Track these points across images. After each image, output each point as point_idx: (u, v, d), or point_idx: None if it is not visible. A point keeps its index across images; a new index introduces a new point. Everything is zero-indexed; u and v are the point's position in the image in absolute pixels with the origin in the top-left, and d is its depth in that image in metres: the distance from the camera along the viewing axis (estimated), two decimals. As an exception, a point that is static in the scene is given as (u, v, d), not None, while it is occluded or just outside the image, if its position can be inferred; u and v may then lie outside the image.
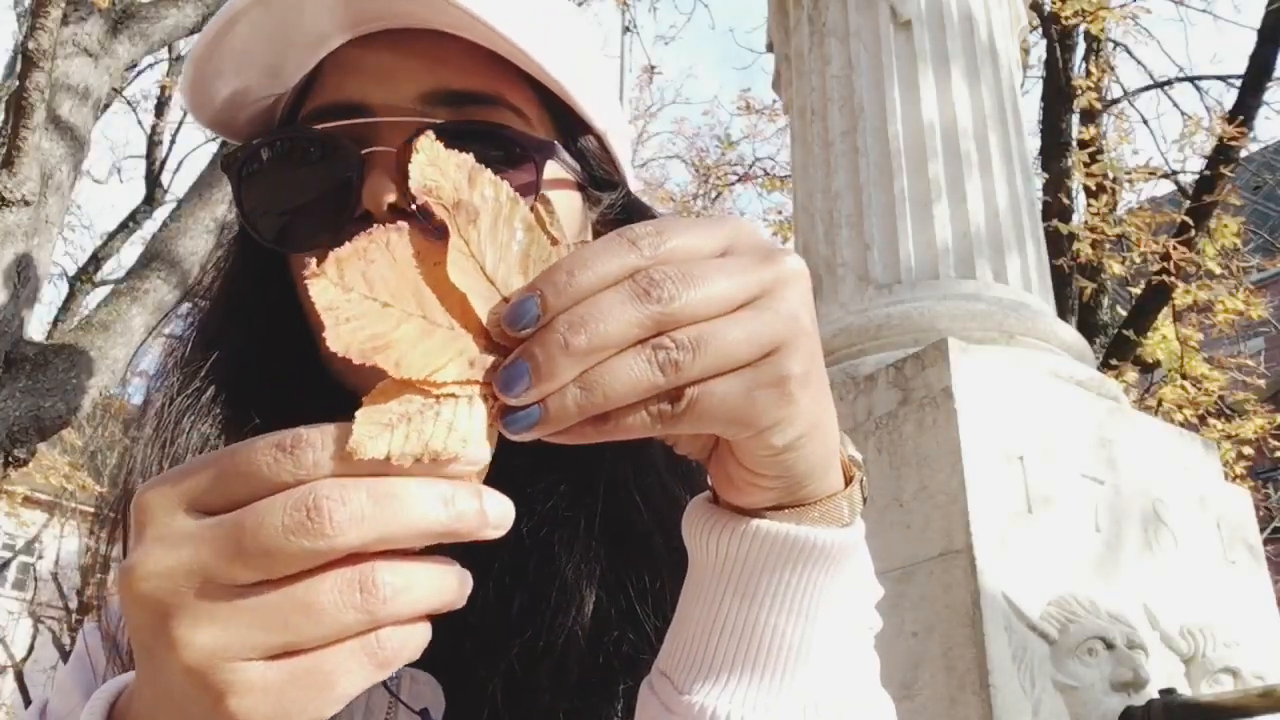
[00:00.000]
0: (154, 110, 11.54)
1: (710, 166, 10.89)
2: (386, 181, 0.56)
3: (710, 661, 0.47)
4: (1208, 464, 2.46)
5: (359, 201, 0.56)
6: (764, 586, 0.46)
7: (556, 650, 0.57)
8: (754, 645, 0.47)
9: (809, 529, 0.45)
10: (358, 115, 0.58)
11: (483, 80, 0.59)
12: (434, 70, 0.59)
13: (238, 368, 0.63)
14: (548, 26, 0.63)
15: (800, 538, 0.45)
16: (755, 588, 0.46)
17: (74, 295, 10.11)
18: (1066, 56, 7.65)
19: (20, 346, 3.06)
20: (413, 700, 0.60)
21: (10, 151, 2.91)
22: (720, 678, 0.47)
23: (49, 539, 17.15)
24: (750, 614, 0.47)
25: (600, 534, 0.60)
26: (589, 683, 0.58)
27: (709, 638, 0.47)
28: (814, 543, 0.45)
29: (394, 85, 0.59)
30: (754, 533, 0.46)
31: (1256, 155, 11.42)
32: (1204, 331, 7.67)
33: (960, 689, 1.81)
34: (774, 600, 0.46)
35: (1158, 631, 2.02)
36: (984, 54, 3.03)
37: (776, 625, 0.46)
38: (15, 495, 12.14)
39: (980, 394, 2.08)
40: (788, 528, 0.45)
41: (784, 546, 0.45)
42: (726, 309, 0.38)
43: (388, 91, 0.59)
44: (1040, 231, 3.04)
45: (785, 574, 0.46)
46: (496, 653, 0.59)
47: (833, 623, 0.48)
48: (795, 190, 3.36)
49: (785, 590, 0.46)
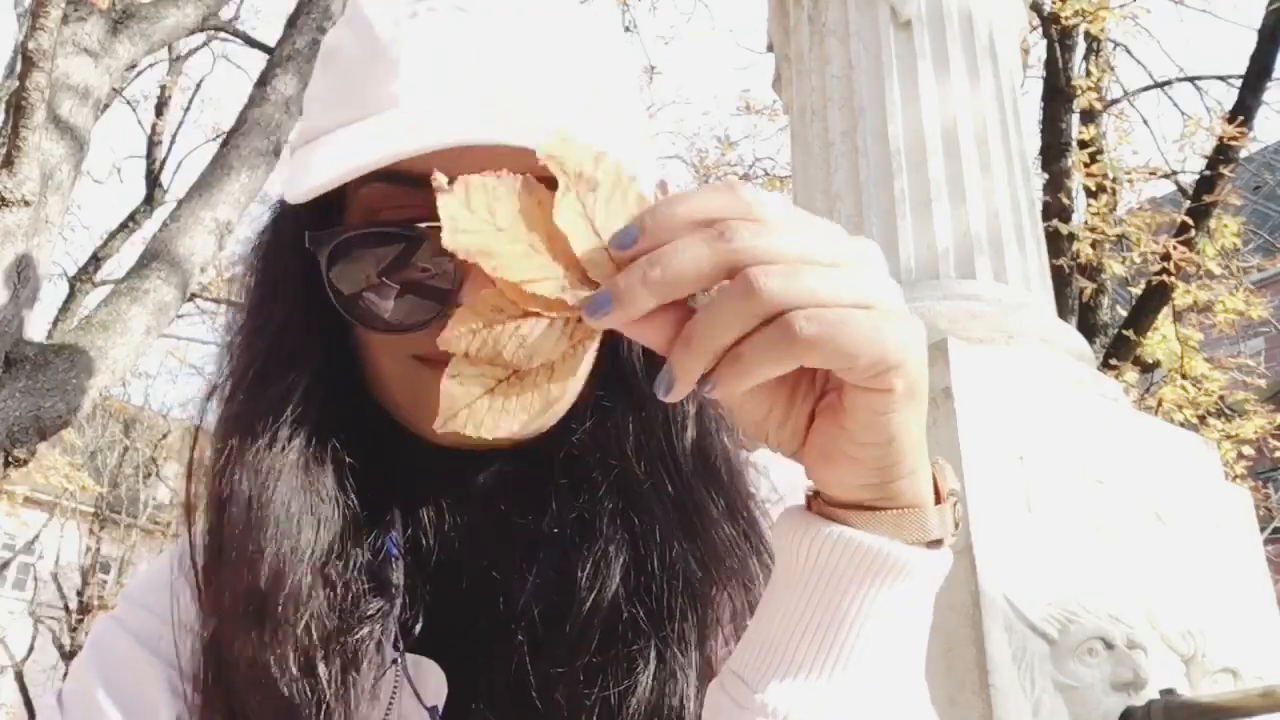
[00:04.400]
0: (154, 110, 11.54)
1: (710, 166, 10.89)
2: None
3: (786, 664, 0.48)
4: (1208, 464, 2.46)
5: (456, 294, 0.59)
6: (848, 596, 0.47)
7: (580, 620, 0.61)
8: (831, 651, 0.48)
9: (898, 545, 0.47)
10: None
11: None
12: (515, 158, 0.60)
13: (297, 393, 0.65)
14: (623, 111, 0.65)
15: (889, 552, 0.47)
16: (838, 596, 0.47)
17: (74, 295, 10.10)
18: (1066, 56, 7.65)
19: (20, 346, 3.06)
20: (417, 685, 0.62)
21: (10, 151, 2.91)
22: (794, 679, 0.48)
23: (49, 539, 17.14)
24: (831, 620, 0.48)
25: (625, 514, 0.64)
26: (604, 653, 0.60)
27: (788, 641, 0.48)
28: (899, 559, 0.47)
29: (475, 168, 0.60)
30: (842, 539, 0.47)
31: (1256, 155, 11.42)
32: (1204, 331, 7.67)
33: (960, 689, 1.81)
34: (857, 611, 0.47)
35: (1158, 631, 2.02)
36: (984, 54, 3.03)
37: (857, 635, 0.47)
38: (15, 495, 12.14)
39: (980, 394, 2.08)
40: (878, 540, 0.47)
41: (871, 558, 0.47)
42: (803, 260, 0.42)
43: (469, 172, 0.60)
44: (1040, 231, 3.03)
45: (869, 587, 0.47)
46: (512, 628, 0.62)
47: (903, 642, 0.48)
48: (795, 190, 3.35)
49: (867, 603, 0.47)
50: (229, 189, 3.72)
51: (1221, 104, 7.94)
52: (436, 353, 0.60)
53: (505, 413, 0.47)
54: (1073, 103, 7.47)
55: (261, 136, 3.86)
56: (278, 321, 0.66)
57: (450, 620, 0.64)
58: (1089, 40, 7.90)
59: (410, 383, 0.63)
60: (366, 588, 0.64)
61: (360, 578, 0.64)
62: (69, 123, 3.36)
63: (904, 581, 0.47)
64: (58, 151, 3.30)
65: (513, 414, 0.47)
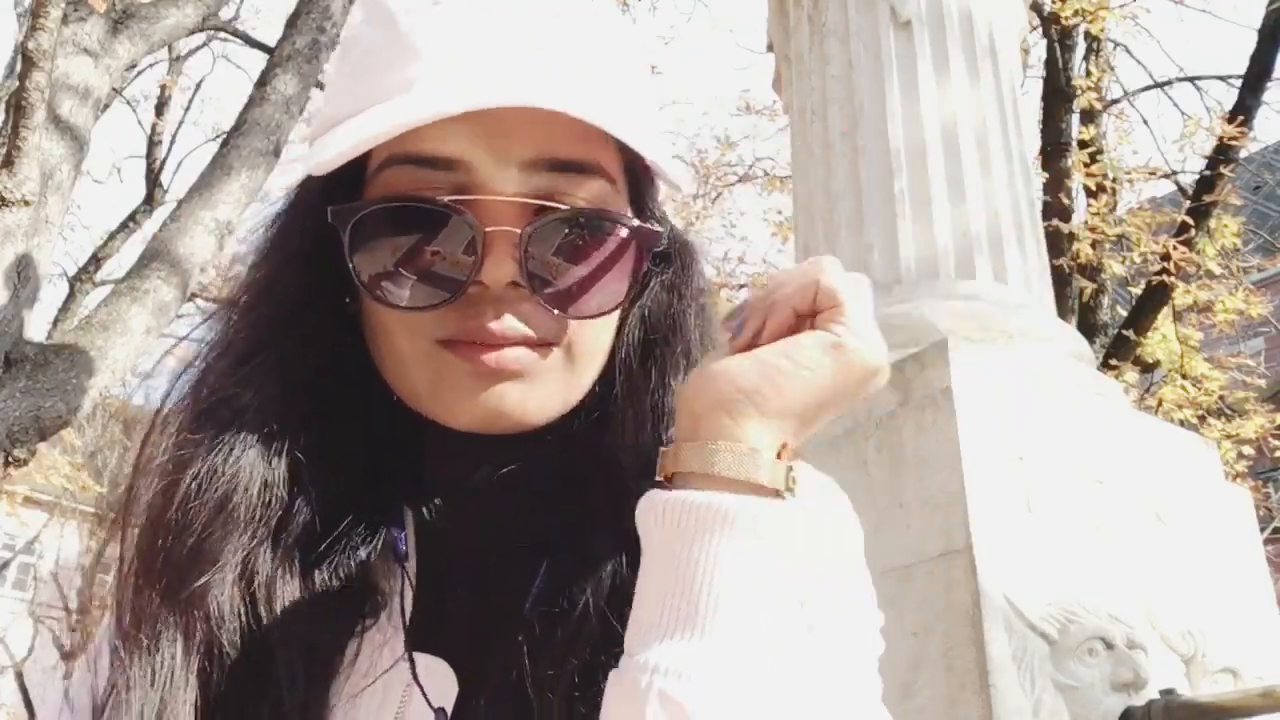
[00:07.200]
0: (154, 110, 11.53)
1: (710, 166, 10.88)
2: (509, 262, 0.59)
3: (658, 629, 0.51)
4: (1208, 464, 2.46)
5: (477, 272, 0.59)
6: (693, 553, 0.51)
7: (576, 617, 0.61)
8: (694, 608, 0.50)
9: (725, 496, 0.51)
10: (460, 172, 0.60)
11: (584, 149, 0.62)
12: (538, 137, 0.60)
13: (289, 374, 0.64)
14: (632, 86, 0.65)
15: (716, 503, 0.51)
16: (685, 555, 0.51)
17: (74, 295, 10.09)
18: (1066, 56, 7.65)
19: (20, 346, 3.06)
20: (426, 687, 0.61)
21: (10, 151, 2.91)
22: (668, 641, 0.51)
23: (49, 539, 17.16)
24: (684, 579, 0.51)
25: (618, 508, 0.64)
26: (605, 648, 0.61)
27: (654, 608, 0.52)
28: (726, 508, 0.51)
29: (499, 148, 0.60)
30: (674, 501, 0.52)
31: (1256, 155, 11.42)
32: (1204, 331, 7.68)
33: (960, 689, 1.81)
34: (705, 566, 0.51)
35: (1158, 631, 2.02)
36: (984, 54, 3.03)
37: (710, 589, 0.50)
38: (15, 495, 12.14)
39: (980, 394, 2.08)
40: (706, 496, 0.51)
41: (700, 512, 0.51)
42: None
43: (493, 153, 0.60)
44: (1040, 231, 3.03)
45: (708, 539, 0.51)
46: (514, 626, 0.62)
47: (772, 596, 0.51)
48: (795, 190, 3.36)
49: (711, 557, 0.51)
50: (229, 189, 3.72)
51: (1221, 104, 7.94)
52: (461, 335, 0.60)
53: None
54: (1073, 103, 7.47)
55: (261, 136, 3.86)
56: (281, 304, 0.66)
57: (454, 617, 0.64)
58: (1089, 40, 7.89)
59: (433, 367, 0.61)
60: (369, 584, 0.63)
61: (361, 573, 0.63)
62: (69, 123, 3.36)
63: (740, 531, 0.51)
64: (58, 151, 3.30)
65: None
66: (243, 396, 0.63)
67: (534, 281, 0.60)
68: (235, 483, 0.60)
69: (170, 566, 0.59)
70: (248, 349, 0.64)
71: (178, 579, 0.59)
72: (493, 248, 0.59)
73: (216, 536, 0.59)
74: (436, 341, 0.61)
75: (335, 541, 0.63)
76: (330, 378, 0.65)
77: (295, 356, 0.64)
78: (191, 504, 0.60)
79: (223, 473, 0.60)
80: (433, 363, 0.61)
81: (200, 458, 0.61)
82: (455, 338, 0.60)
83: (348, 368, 0.66)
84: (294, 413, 0.63)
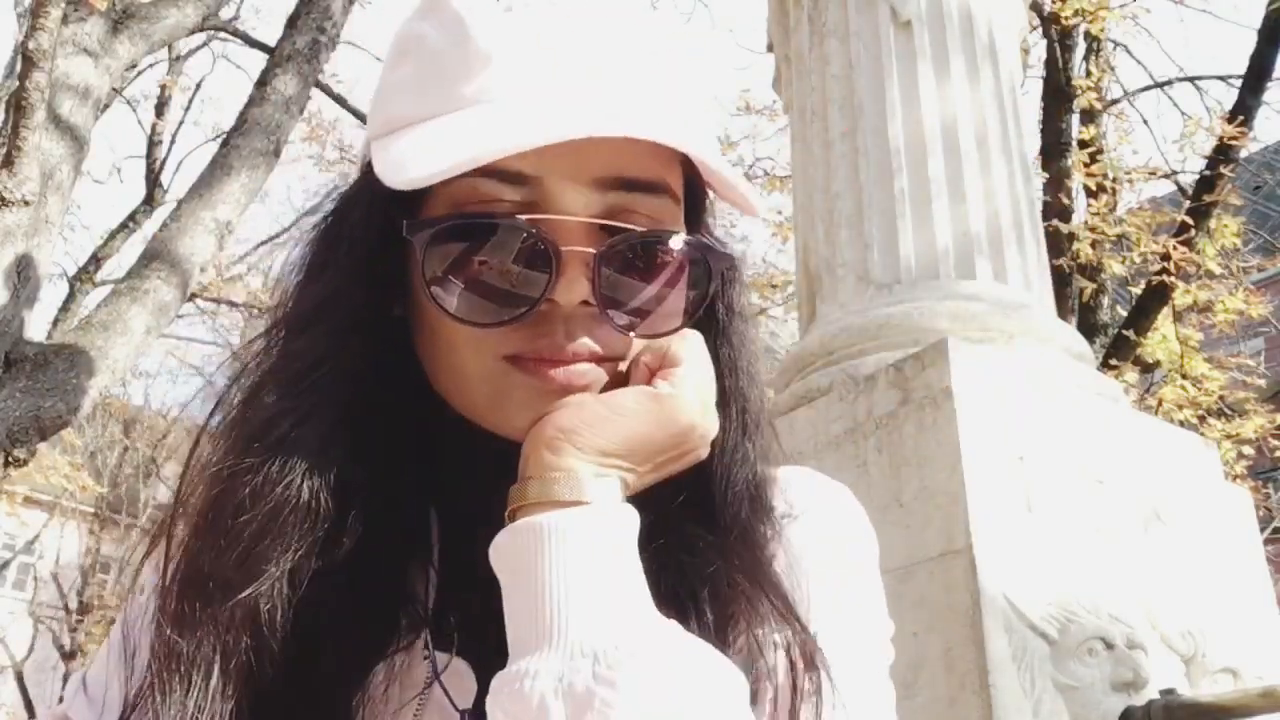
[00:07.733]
0: (154, 110, 11.54)
1: (710, 166, 10.84)
2: (583, 282, 0.60)
3: (521, 647, 0.55)
4: (1208, 464, 2.46)
5: (551, 291, 0.60)
6: (534, 569, 0.55)
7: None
8: (547, 621, 0.54)
9: (549, 514, 0.56)
10: (532, 187, 0.60)
11: (653, 168, 0.63)
12: (609, 155, 0.60)
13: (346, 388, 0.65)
14: (699, 106, 0.67)
15: (541, 522, 0.56)
16: (527, 572, 0.56)
17: (74, 295, 10.09)
18: (1066, 56, 7.65)
19: (20, 346, 3.06)
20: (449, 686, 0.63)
21: (10, 151, 2.91)
22: (531, 655, 0.54)
23: (49, 539, 17.16)
24: (534, 596, 0.55)
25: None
26: None
27: (517, 631, 0.56)
28: (550, 525, 0.56)
29: (572, 165, 0.60)
30: (511, 530, 0.57)
31: (1256, 155, 11.42)
32: (1204, 331, 7.68)
33: (960, 689, 1.81)
34: (546, 578, 0.55)
35: (1158, 631, 2.02)
36: (984, 54, 3.03)
37: (556, 599, 0.54)
38: (15, 495, 12.14)
39: (980, 394, 2.08)
40: (536, 518, 0.56)
41: (530, 532, 0.56)
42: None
43: (566, 171, 0.60)
44: (1040, 231, 3.03)
45: (542, 555, 0.55)
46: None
47: (613, 598, 0.55)
48: (795, 190, 3.35)
49: (547, 569, 0.55)
50: (229, 189, 3.72)
51: (1221, 104, 7.95)
52: (530, 353, 0.60)
53: None
54: (1073, 103, 7.48)
55: (261, 136, 3.87)
56: (340, 318, 0.65)
57: (476, 619, 0.64)
58: (1089, 40, 7.90)
59: (497, 383, 0.62)
60: (408, 594, 0.64)
61: (402, 584, 0.64)
62: (69, 123, 3.36)
63: (566, 541, 0.55)
64: (58, 151, 3.30)
65: None
66: (300, 410, 0.63)
67: (604, 301, 0.61)
68: (288, 496, 0.60)
69: (217, 576, 0.59)
70: (305, 365, 0.64)
71: (223, 589, 0.59)
72: (567, 267, 0.59)
73: (265, 547, 0.60)
74: (503, 358, 0.61)
75: (378, 552, 0.63)
76: (379, 386, 0.65)
77: (353, 371, 0.64)
78: (244, 515, 0.60)
79: (276, 486, 0.60)
80: (498, 378, 0.62)
81: (255, 470, 0.61)
82: (522, 354, 0.61)
83: (392, 374, 0.66)
84: (348, 427, 0.63)
